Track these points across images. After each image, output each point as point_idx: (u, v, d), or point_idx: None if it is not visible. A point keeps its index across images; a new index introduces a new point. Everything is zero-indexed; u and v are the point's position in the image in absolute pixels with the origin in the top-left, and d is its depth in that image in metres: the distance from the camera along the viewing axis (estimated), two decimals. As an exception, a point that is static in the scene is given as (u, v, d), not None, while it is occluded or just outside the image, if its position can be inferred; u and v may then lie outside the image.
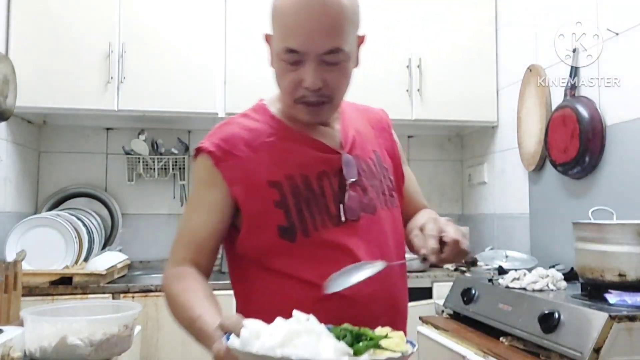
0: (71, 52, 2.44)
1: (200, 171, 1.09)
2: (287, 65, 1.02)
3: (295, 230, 1.03)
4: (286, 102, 1.08)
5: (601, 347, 1.27)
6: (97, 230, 2.59)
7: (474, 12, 2.82)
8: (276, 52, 1.04)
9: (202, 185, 1.08)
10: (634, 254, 1.49)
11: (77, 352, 1.26)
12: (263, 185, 1.04)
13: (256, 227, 1.04)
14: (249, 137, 1.08)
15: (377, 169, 1.15)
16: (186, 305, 0.97)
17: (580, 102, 2.08)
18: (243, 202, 1.04)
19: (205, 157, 1.07)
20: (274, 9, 1.04)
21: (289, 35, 1.00)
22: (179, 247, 1.08)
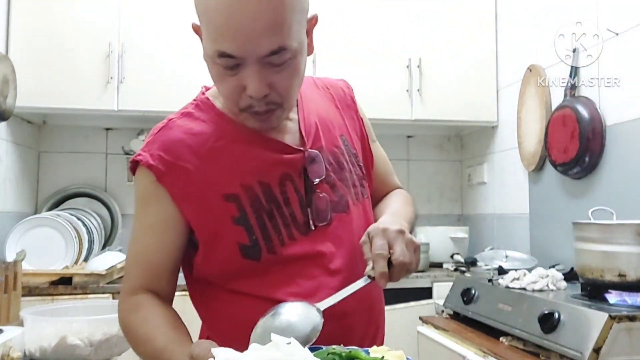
0: (71, 52, 2.44)
1: (142, 187, 0.93)
2: (224, 70, 0.86)
3: (259, 249, 0.90)
4: (230, 108, 0.93)
5: (601, 347, 1.28)
6: (97, 230, 2.59)
7: (474, 12, 2.82)
8: (208, 54, 0.86)
9: (146, 203, 0.93)
10: (634, 254, 1.49)
11: (77, 352, 1.26)
12: (217, 200, 0.90)
13: (214, 247, 0.91)
14: (194, 143, 0.92)
15: (346, 157, 1.01)
16: (147, 338, 0.87)
17: (580, 102, 2.08)
18: (195, 221, 0.91)
19: (145, 171, 0.92)
20: (201, 2, 0.85)
21: (220, 37, 0.82)
22: (132, 275, 0.94)
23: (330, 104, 1.07)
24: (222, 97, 0.93)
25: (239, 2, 0.79)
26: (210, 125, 0.95)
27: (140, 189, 0.94)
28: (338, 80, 1.15)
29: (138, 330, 0.89)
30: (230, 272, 0.92)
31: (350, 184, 1.00)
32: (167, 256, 0.93)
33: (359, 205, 1.01)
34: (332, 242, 0.94)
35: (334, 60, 2.63)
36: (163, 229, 0.92)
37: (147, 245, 0.93)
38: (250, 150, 0.93)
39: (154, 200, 0.92)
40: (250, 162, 0.93)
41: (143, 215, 0.94)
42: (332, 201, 0.96)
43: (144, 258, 0.93)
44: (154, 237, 0.92)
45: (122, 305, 0.94)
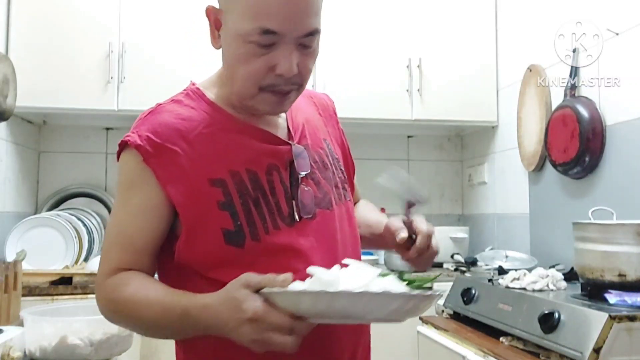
0: (71, 52, 2.44)
1: (127, 169, 0.93)
2: (257, 49, 0.87)
3: (243, 235, 0.89)
4: (245, 90, 0.92)
5: (601, 347, 1.27)
6: (97, 230, 2.58)
7: (474, 12, 2.82)
8: (241, 32, 0.87)
9: (131, 185, 0.92)
10: (634, 254, 1.49)
11: (77, 352, 1.26)
12: (204, 184, 0.90)
13: (198, 232, 0.90)
14: (184, 128, 0.93)
15: (330, 159, 1.03)
16: (150, 300, 0.85)
17: (580, 102, 2.08)
18: (181, 205, 0.89)
19: (132, 152, 0.91)
20: None
21: (266, 13, 0.84)
22: (113, 256, 0.91)
23: (314, 111, 1.10)
24: (238, 77, 0.92)
25: None
26: (200, 113, 0.96)
27: (125, 170, 0.94)
28: (321, 93, 1.19)
29: (135, 296, 0.86)
30: (212, 259, 0.90)
31: (333, 184, 1.02)
32: (151, 239, 0.91)
33: (341, 206, 1.02)
34: (314, 237, 0.94)
35: (334, 60, 2.63)
36: (147, 212, 0.90)
37: (130, 227, 0.91)
38: (239, 138, 0.94)
39: (139, 182, 0.91)
40: (238, 149, 0.93)
41: (127, 197, 0.93)
42: (317, 197, 0.97)
43: (127, 240, 0.91)
44: (138, 219, 0.91)
45: (104, 286, 0.90)
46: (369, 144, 3.07)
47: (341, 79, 2.57)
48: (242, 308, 0.75)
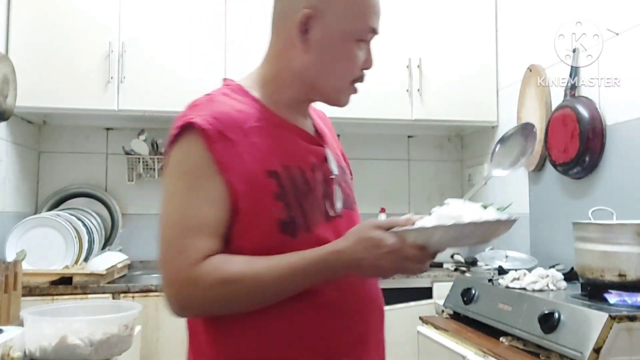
0: (71, 52, 2.44)
1: (191, 153, 0.91)
2: (359, 45, 0.98)
3: (296, 226, 0.93)
4: (340, 84, 1.00)
5: (601, 347, 1.27)
6: (97, 230, 2.59)
7: (474, 12, 2.82)
8: (349, 31, 0.97)
9: (197, 171, 0.91)
10: (634, 254, 1.49)
11: (77, 352, 1.26)
12: (260, 175, 0.92)
13: (254, 221, 0.91)
14: (239, 118, 0.94)
15: (344, 166, 1.10)
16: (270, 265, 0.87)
17: (580, 102, 2.08)
18: (240, 193, 0.90)
19: (195, 135, 0.90)
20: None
21: (372, 13, 0.98)
22: (198, 243, 0.88)
23: (321, 122, 1.14)
24: (335, 71, 0.99)
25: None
26: (248, 107, 0.98)
27: (189, 154, 0.92)
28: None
29: (250, 267, 0.88)
30: (264, 247, 0.91)
31: (350, 187, 1.09)
32: (225, 227, 0.91)
33: (356, 209, 1.08)
34: (343, 235, 0.95)
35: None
36: (221, 200, 0.90)
37: (209, 214, 0.89)
38: (287, 135, 0.99)
39: (206, 168, 0.90)
40: (287, 145, 0.98)
41: (196, 184, 0.90)
42: (343, 197, 1.03)
43: (208, 228, 0.89)
44: (215, 207, 0.90)
45: (198, 274, 0.87)
46: (369, 144, 3.07)
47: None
48: (380, 245, 0.85)
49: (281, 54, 1.01)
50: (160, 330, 2.20)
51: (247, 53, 2.58)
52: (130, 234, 2.82)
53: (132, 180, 2.80)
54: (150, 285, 2.24)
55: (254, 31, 2.61)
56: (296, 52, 0.98)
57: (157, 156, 2.79)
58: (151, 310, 2.19)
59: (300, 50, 0.97)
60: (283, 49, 1.00)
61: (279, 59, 1.01)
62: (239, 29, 2.59)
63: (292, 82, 1.01)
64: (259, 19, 2.66)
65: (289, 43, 0.98)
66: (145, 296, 2.20)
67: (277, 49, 1.02)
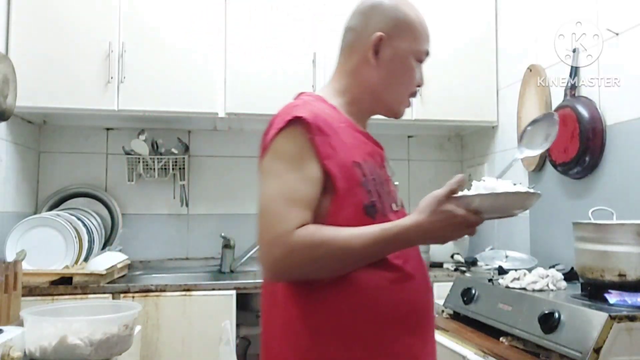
0: (71, 52, 2.44)
1: (296, 141, 1.06)
2: (417, 65, 1.21)
3: (376, 210, 1.09)
4: (401, 96, 1.21)
5: (601, 347, 1.28)
6: (97, 230, 2.59)
7: (474, 12, 2.83)
8: (413, 52, 1.20)
9: (301, 155, 1.05)
10: (634, 254, 1.49)
11: (77, 352, 1.26)
12: (349, 164, 1.08)
13: (346, 201, 1.06)
14: (329, 118, 1.11)
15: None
16: (360, 232, 1.01)
17: (580, 102, 2.08)
18: (337, 177, 1.06)
19: (300, 127, 1.06)
20: (406, 17, 1.20)
21: (425, 40, 1.23)
22: (295, 213, 1.01)
23: None
24: (396, 85, 1.20)
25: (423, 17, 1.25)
26: (331, 112, 1.15)
27: (294, 141, 1.06)
28: None
29: (341, 233, 1.01)
30: (352, 226, 1.04)
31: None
32: (316, 204, 1.05)
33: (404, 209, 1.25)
34: None
35: (334, 59, 2.63)
36: (317, 181, 1.05)
37: (307, 192, 1.04)
38: (361, 137, 1.18)
39: (308, 154, 1.05)
40: (363, 145, 1.16)
41: (298, 165, 1.05)
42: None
43: (305, 202, 1.03)
44: (312, 187, 1.04)
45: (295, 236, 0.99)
46: (369, 144, 3.07)
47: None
48: (453, 216, 1.00)
49: (354, 70, 1.21)
50: (160, 330, 2.20)
51: (247, 53, 2.59)
52: (130, 234, 2.82)
53: (132, 180, 2.80)
54: (150, 285, 2.24)
55: (254, 31, 2.61)
56: (368, 68, 1.19)
57: (157, 156, 2.79)
58: (151, 310, 2.20)
59: (372, 66, 1.18)
60: (356, 66, 1.20)
61: (352, 75, 1.21)
62: (239, 29, 2.59)
63: (361, 95, 1.20)
64: (259, 19, 2.67)
65: (362, 61, 1.19)
66: (145, 296, 2.20)
67: (349, 67, 1.21)
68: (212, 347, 2.15)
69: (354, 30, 1.23)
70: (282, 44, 2.62)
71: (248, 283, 2.35)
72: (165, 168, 2.81)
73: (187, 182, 2.88)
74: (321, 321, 1.04)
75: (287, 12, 2.64)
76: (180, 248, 2.90)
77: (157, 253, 2.85)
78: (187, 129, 2.94)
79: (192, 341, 2.22)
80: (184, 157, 2.84)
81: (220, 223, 2.92)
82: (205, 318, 2.23)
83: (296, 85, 2.63)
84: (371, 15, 1.20)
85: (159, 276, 2.60)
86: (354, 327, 1.04)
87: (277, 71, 2.60)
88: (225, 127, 2.91)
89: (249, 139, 3.01)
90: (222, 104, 2.57)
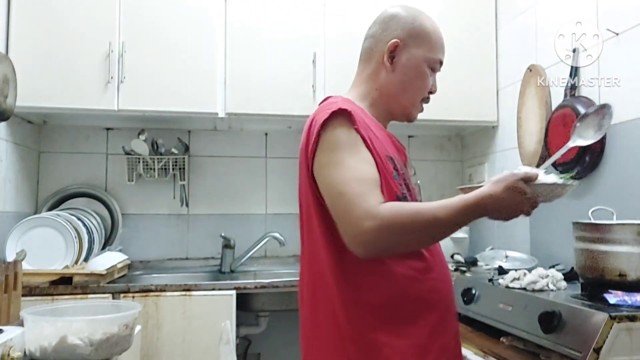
0: (71, 52, 2.44)
1: (347, 130, 1.14)
2: (430, 72, 1.30)
3: (407, 200, 1.18)
4: (414, 100, 1.31)
5: (601, 347, 1.28)
6: (97, 230, 2.59)
7: (474, 12, 2.82)
8: (427, 59, 1.28)
9: (355, 142, 1.13)
10: (634, 254, 1.49)
11: (77, 352, 1.26)
12: (384, 157, 1.17)
13: (385, 191, 1.13)
14: (363, 114, 1.20)
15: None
16: (439, 204, 1.08)
17: (580, 102, 2.08)
18: (379, 166, 1.14)
19: (346, 119, 1.13)
20: (422, 27, 1.29)
21: (440, 50, 1.30)
22: (374, 192, 1.08)
23: None
24: (411, 90, 1.29)
25: (439, 29, 1.34)
26: (361, 112, 1.22)
27: (346, 131, 1.14)
28: None
29: (424, 206, 1.08)
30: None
31: None
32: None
33: None
34: None
35: (333, 60, 2.63)
36: (374, 165, 1.13)
37: (374, 174, 1.12)
38: (387, 136, 1.28)
39: (359, 142, 1.13)
40: (390, 144, 1.26)
41: (356, 150, 1.13)
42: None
43: (376, 184, 1.11)
44: (374, 169, 1.12)
45: (382, 210, 1.05)
46: (369, 144, 3.07)
47: (341, 78, 2.57)
48: (523, 193, 1.08)
49: (371, 75, 1.29)
50: (160, 330, 2.20)
51: (247, 53, 2.59)
52: (130, 234, 2.82)
53: (132, 180, 2.80)
54: (150, 285, 2.24)
55: (254, 31, 2.61)
56: (385, 73, 1.27)
57: (157, 156, 2.79)
58: (151, 310, 2.20)
59: (388, 70, 1.27)
60: (374, 71, 1.29)
61: (370, 79, 1.29)
62: (239, 29, 2.59)
63: (380, 98, 1.29)
64: (259, 18, 2.67)
65: (379, 66, 1.28)
66: (145, 296, 2.20)
67: (367, 73, 1.30)
68: (212, 347, 2.15)
69: (373, 37, 1.31)
70: (282, 44, 2.62)
71: (248, 283, 2.35)
72: (165, 168, 2.81)
73: (187, 182, 2.88)
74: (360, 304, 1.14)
75: (287, 12, 2.64)
76: (180, 248, 2.90)
77: (157, 253, 2.85)
78: (187, 129, 2.94)
79: (192, 341, 2.22)
80: (184, 157, 2.84)
81: (220, 223, 2.92)
82: (205, 318, 2.23)
83: (296, 85, 2.63)
84: (390, 23, 1.29)
85: (159, 276, 2.61)
86: (389, 307, 1.14)
87: (277, 71, 2.60)
88: (225, 127, 2.91)
89: (249, 139, 3.01)
90: (222, 104, 2.57)
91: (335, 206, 1.09)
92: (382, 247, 1.07)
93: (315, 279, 1.20)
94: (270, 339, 2.85)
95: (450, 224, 1.09)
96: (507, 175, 1.10)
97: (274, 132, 3.04)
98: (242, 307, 2.43)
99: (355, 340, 1.13)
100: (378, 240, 1.05)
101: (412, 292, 1.16)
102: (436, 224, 1.07)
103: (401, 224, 1.05)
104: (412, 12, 1.31)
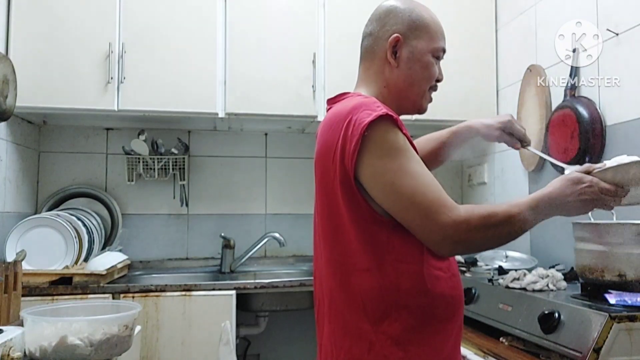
0: (71, 52, 2.44)
1: (395, 135, 1.13)
2: (435, 61, 1.29)
3: None
4: (421, 90, 1.31)
5: (601, 347, 1.28)
6: (97, 230, 2.59)
7: (474, 12, 2.83)
8: (431, 49, 1.27)
9: (409, 148, 1.14)
10: (634, 254, 1.49)
11: (77, 352, 1.26)
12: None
13: None
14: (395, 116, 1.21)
15: None
16: (511, 204, 1.14)
17: (580, 102, 2.08)
18: None
19: (391, 122, 1.13)
20: (420, 18, 1.27)
21: (441, 38, 1.30)
22: (446, 196, 1.11)
23: None
24: (419, 80, 1.29)
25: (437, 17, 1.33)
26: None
27: (398, 138, 1.13)
28: None
29: (497, 207, 1.13)
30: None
31: None
32: None
33: None
34: None
35: (333, 60, 2.63)
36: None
37: (433, 177, 1.15)
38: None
39: (409, 146, 1.15)
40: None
41: (412, 155, 1.14)
42: None
43: (440, 186, 1.13)
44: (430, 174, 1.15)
45: (464, 212, 1.09)
46: (369, 144, 3.06)
47: (341, 78, 2.57)
48: (580, 181, 1.15)
49: (377, 73, 1.28)
50: (160, 330, 2.20)
51: (247, 53, 2.59)
52: (130, 234, 2.82)
53: (132, 180, 2.80)
54: (150, 285, 2.24)
55: (254, 31, 2.61)
56: (390, 69, 1.27)
57: (157, 156, 2.79)
58: (151, 310, 2.20)
59: (393, 66, 1.26)
60: (379, 68, 1.27)
61: (377, 78, 1.28)
62: (239, 29, 2.59)
63: (389, 95, 1.28)
64: (259, 19, 2.67)
65: (383, 63, 1.27)
66: (145, 296, 2.20)
67: (373, 71, 1.28)
68: (212, 347, 2.15)
69: (372, 35, 1.30)
70: (282, 44, 2.62)
71: (248, 283, 2.35)
72: (165, 168, 2.81)
73: (187, 182, 2.88)
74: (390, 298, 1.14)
75: (287, 12, 2.64)
76: (180, 248, 2.90)
77: (157, 253, 2.86)
78: (187, 129, 2.94)
79: (192, 341, 2.22)
80: (184, 157, 2.84)
81: (220, 223, 2.92)
82: (205, 318, 2.23)
83: (296, 85, 2.64)
84: (387, 19, 1.28)
85: (159, 276, 2.61)
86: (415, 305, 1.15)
87: (277, 71, 2.60)
88: (225, 127, 2.91)
89: (248, 139, 3.01)
90: (222, 104, 2.57)
91: (411, 213, 1.09)
92: (469, 245, 1.12)
93: (346, 285, 1.16)
94: (269, 339, 2.85)
95: (524, 222, 1.13)
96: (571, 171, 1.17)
97: (273, 132, 3.04)
98: (241, 308, 2.43)
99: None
100: (465, 241, 1.09)
101: (448, 293, 1.22)
102: (512, 221, 1.12)
103: (485, 224, 1.09)
104: (408, 4, 1.30)
